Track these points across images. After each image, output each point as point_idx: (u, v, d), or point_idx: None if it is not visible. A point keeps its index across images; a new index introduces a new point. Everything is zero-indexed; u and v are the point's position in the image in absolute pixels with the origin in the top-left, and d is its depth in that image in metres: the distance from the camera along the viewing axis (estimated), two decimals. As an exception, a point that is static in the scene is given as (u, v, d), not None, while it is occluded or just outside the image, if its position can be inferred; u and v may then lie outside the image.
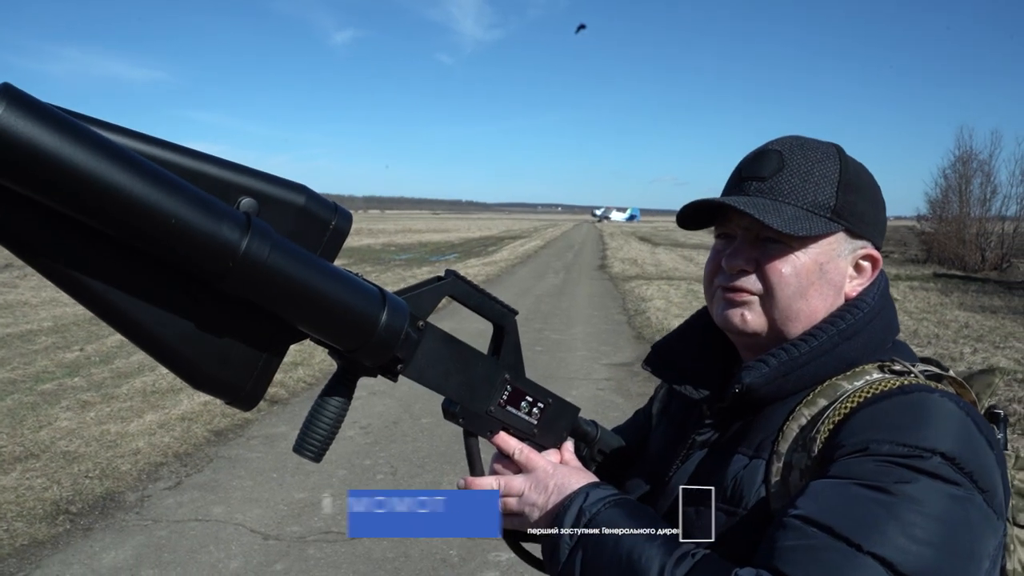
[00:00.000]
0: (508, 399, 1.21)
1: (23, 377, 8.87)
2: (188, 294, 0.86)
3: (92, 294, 0.80)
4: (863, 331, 1.20)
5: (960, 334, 12.43)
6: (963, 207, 29.34)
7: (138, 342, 0.86)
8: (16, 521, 5.05)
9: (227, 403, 0.95)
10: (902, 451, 1.00)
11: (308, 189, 0.95)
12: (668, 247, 43.21)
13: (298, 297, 0.87)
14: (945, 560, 0.93)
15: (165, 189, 0.74)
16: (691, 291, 18.41)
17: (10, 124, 0.65)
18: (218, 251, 0.78)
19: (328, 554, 4.63)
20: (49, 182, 0.68)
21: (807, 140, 1.27)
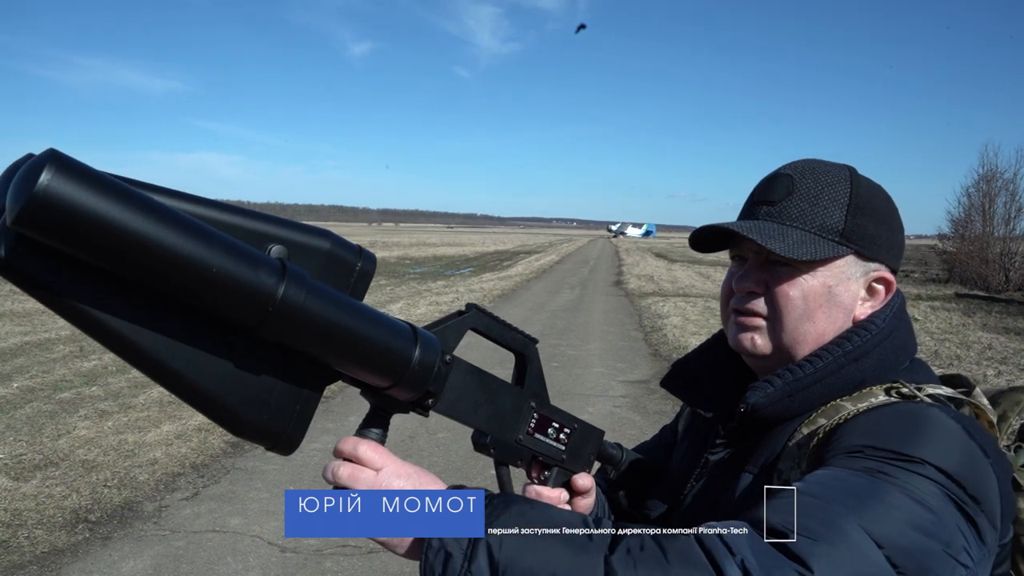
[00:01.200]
0: (535, 427, 1.22)
1: (41, 385, 8.93)
2: (224, 342, 0.87)
3: (130, 345, 0.82)
4: (871, 353, 1.21)
5: (983, 356, 12.29)
6: (986, 226, 29.08)
7: (176, 391, 0.87)
8: (36, 528, 5.07)
9: (268, 449, 0.96)
10: (895, 457, 1.01)
11: (332, 234, 0.98)
12: (685, 264, 43.09)
13: (334, 338, 0.89)
14: (920, 542, 0.92)
15: (205, 241, 0.76)
16: (708, 308, 18.32)
17: (58, 190, 0.67)
18: (256, 298, 0.80)
19: (345, 567, 4.62)
20: (97, 243, 0.71)
21: (819, 163, 1.29)
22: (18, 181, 0.68)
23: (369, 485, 0.96)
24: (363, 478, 0.97)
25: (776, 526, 0.91)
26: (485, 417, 1.14)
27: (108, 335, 0.81)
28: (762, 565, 0.86)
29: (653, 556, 0.87)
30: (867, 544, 0.89)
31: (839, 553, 0.88)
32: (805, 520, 0.91)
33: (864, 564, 0.88)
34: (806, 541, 0.88)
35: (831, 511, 0.92)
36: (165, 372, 0.85)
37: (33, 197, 0.66)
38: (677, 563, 0.87)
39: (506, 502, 0.95)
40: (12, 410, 7.84)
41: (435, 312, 16.03)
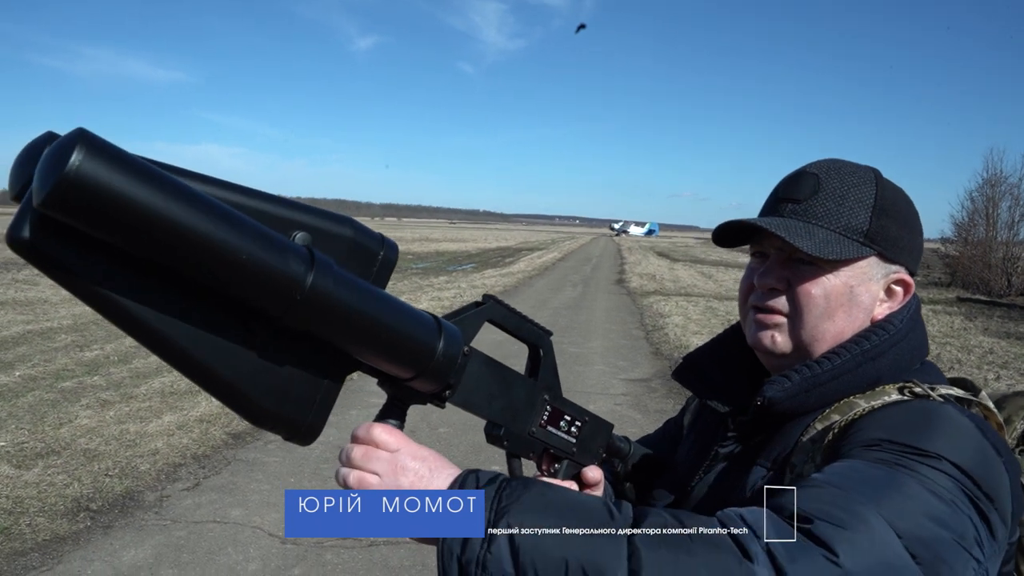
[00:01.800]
0: (548, 419, 1.22)
1: (44, 374, 8.95)
2: (246, 330, 0.86)
3: (151, 331, 0.80)
4: (888, 352, 1.22)
5: (984, 360, 12.29)
6: (990, 230, 29.01)
7: (195, 379, 0.86)
8: (38, 516, 5.09)
9: (286, 438, 0.95)
10: (912, 451, 1.02)
11: (355, 221, 0.97)
12: (687, 263, 43.09)
13: (360, 328, 0.88)
14: (936, 533, 0.93)
15: (235, 227, 0.75)
16: (710, 308, 18.34)
17: (89, 171, 0.64)
18: (284, 286, 0.79)
19: (345, 560, 4.63)
20: (127, 227, 0.69)
21: (845, 164, 1.29)
22: (47, 161, 0.65)
23: (385, 467, 0.96)
24: (378, 458, 0.96)
25: (800, 512, 0.92)
26: (499, 409, 1.13)
27: (129, 320, 0.79)
28: (787, 548, 0.86)
29: (676, 536, 0.87)
30: (887, 533, 0.90)
31: (862, 539, 0.88)
32: (827, 507, 0.91)
33: (885, 552, 0.89)
34: (829, 527, 0.89)
35: (852, 500, 0.93)
36: (185, 359, 0.83)
37: (64, 178, 0.63)
38: (701, 543, 0.86)
39: (525, 484, 0.94)
40: (14, 398, 7.86)
41: (437, 307, 16.03)
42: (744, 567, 0.84)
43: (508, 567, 0.86)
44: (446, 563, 0.89)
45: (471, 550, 0.88)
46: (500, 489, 0.92)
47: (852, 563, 0.86)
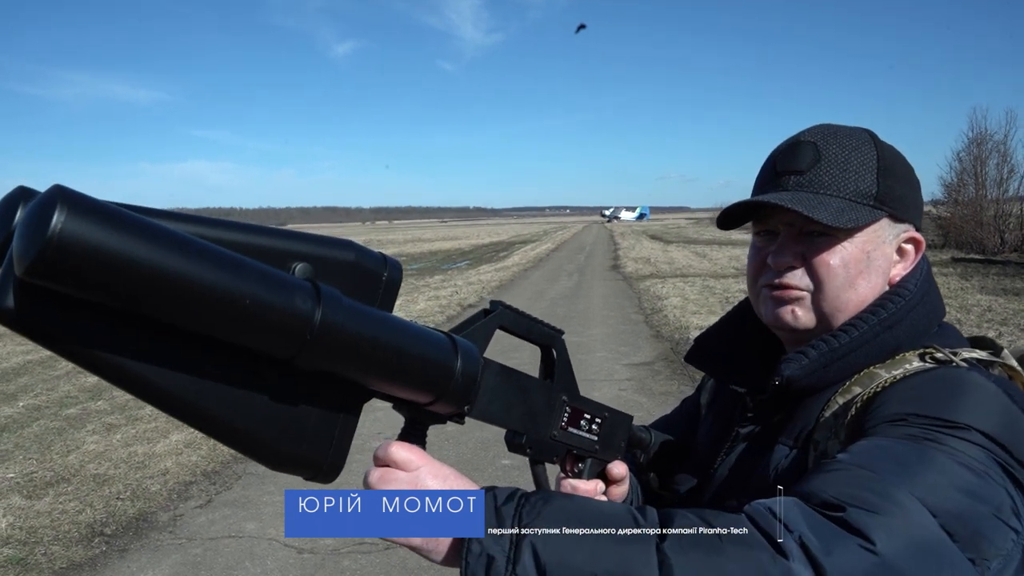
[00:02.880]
0: (568, 420, 1.19)
1: (47, 403, 8.94)
2: (256, 375, 0.81)
3: (156, 390, 0.75)
4: (905, 319, 1.20)
5: (983, 318, 12.33)
6: (979, 189, 29.06)
7: (208, 431, 0.81)
8: (53, 545, 5.08)
9: (308, 479, 0.90)
10: (939, 424, 1.00)
11: (356, 244, 0.92)
12: (680, 244, 43.10)
13: (375, 359, 0.84)
14: (971, 507, 0.91)
15: (233, 271, 0.70)
16: (707, 287, 18.36)
17: (74, 232, 0.59)
18: (293, 327, 0.75)
19: (363, 565, 4.64)
20: (120, 286, 0.64)
21: (838, 128, 1.26)
22: (26, 225, 0.60)
23: (404, 487, 0.91)
24: (396, 479, 0.92)
25: (830, 499, 0.89)
26: (519, 417, 1.09)
27: (131, 380, 0.74)
28: (822, 540, 0.84)
29: (706, 538, 0.84)
30: (922, 513, 0.88)
31: (897, 523, 0.86)
32: (858, 492, 0.89)
33: (921, 533, 0.87)
34: (863, 513, 0.86)
35: (883, 481, 0.91)
36: (195, 413, 0.79)
37: (47, 243, 0.58)
38: (732, 544, 0.84)
39: (545, 499, 0.89)
40: (19, 429, 7.85)
41: (435, 307, 16.03)
42: (779, 564, 0.82)
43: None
44: None
45: (496, 572, 0.84)
46: (520, 506, 0.88)
47: (889, 549, 0.83)
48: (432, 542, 0.91)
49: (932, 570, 0.85)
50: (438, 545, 0.91)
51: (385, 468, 0.93)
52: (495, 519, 0.87)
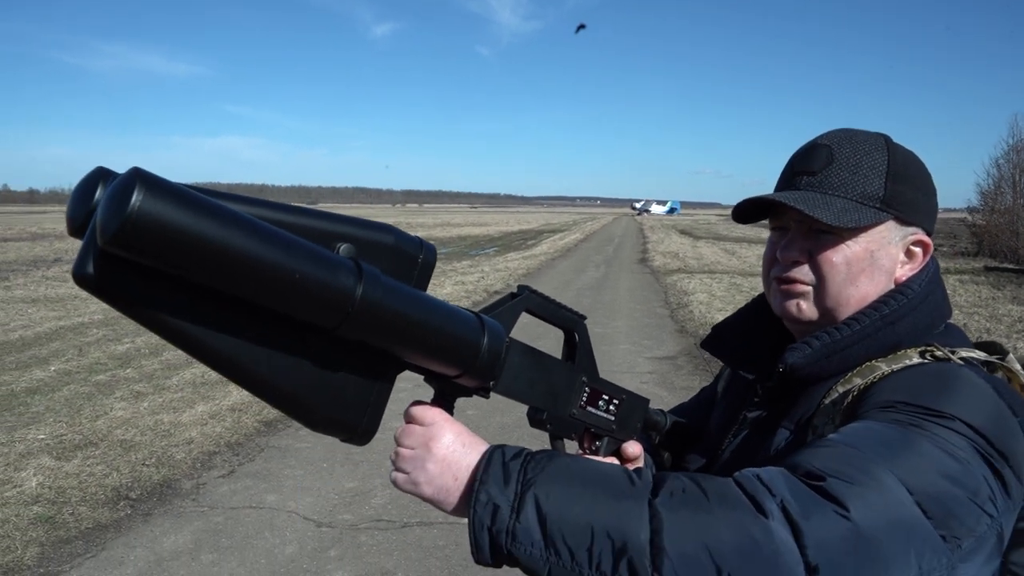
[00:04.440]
0: (587, 400, 1.26)
1: (78, 368, 9.13)
2: (301, 342, 0.90)
3: (213, 352, 0.85)
4: (908, 316, 1.25)
5: (1013, 329, 12.17)
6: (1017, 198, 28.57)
7: (256, 392, 0.91)
8: (80, 506, 5.22)
9: (344, 440, 1.00)
10: (926, 412, 1.05)
11: (395, 228, 1.01)
12: (710, 240, 42.84)
13: (410, 333, 0.92)
14: (948, 490, 0.96)
15: (287, 248, 0.79)
16: (734, 285, 18.26)
17: (151, 210, 0.68)
18: (337, 300, 0.83)
19: (380, 541, 4.72)
20: (189, 259, 0.72)
21: (855, 132, 1.32)
22: (109, 202, 0.69)
23: (416, 440, 1.03)
24: (411, 433, 1.04)
25: (813, 470, 0.95)
26: (541, 395, 1.17)
27: (191, 343, 0.83)
28: (800, 504, 0.90)
29: (694, 497, 0.91)
30: (899, 490, 0.93)
31: (874, 496, 0.92)
32: (841, 466, 0.95)
33: (897, 508, 0.92)
34: (842, 484, 0.92)
35: (865, 458, 0.96)
36: (246, 375, 0.88)
37: (128, 218, 0.67)
38: (718, 503, 0.90)
39: (549, 456, 0.98)
40: (51, 392, 8.04)
41: (460, 292, 16.11)
42: (760, 523, 0.88)
43: (536, 535, 0.91)
44: (477, 534, 0.94)
45: (501, 520, 0.92)
46: (526, 462, 0.96)
47: (862, 517, 0.89)
48: (443, 492, 1.01)
49: (903, 542, 0.91)
50: (448, 496, 1.01)
51: (405, 425, 1.05)
52: (502, 473, 0.96)
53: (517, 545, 0.91)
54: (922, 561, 0.92)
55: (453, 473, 1.01)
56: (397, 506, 5.22)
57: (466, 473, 1.00)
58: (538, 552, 0.91)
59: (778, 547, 0.87)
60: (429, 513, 5.09)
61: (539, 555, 0.91)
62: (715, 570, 0.86)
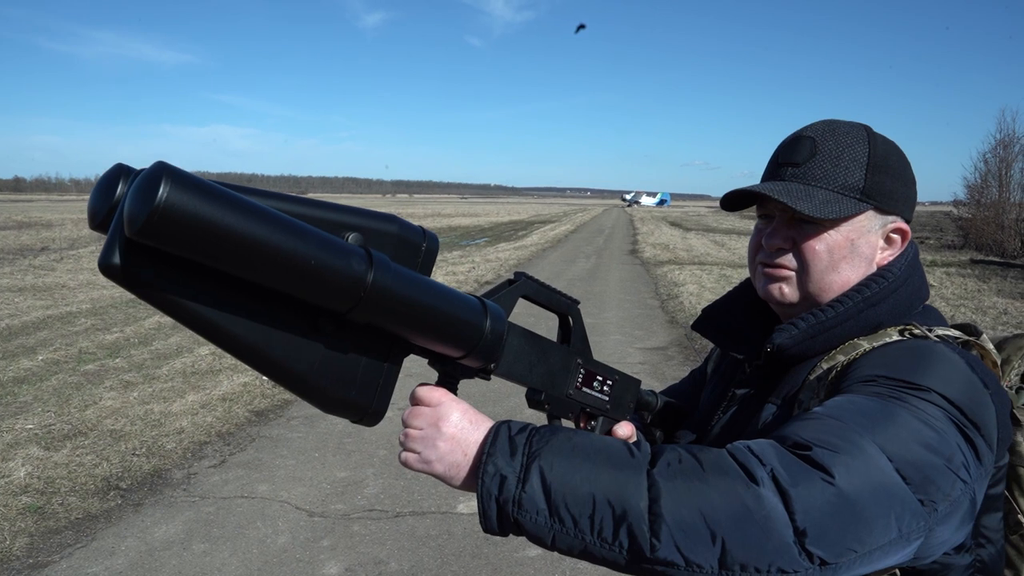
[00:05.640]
0: (583, 381, 1.31)
1: (66, 358, 9.07)
2: (314, 327, 0.95)
3: (230, 336, 0.88)
4: (888, 298, 1.32)
5: (999, 321, 12.26)
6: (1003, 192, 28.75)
7: (270, 374, 0.95)
8: (70, 496, 5.20)
9: (354, 421, 1.05)
10: (904, 385, 1.12)
11: (398, 218, 1.05)
12: (700, 232, 42.94)
13: (418, 316, 0.97)
14: (926, 457, 1.02)
15: (303, 237, 0.83)
16: (724, 276, 18.32)
17: (177, 202, 0.72)
18: (350, 284, 0.87)
19: (373, 531, 4.72)
20: (212, 248, 0.76)
21: (838, 124, 1.37)
22: (136, 194, 0.73)
23: (425, 420, 1.08)
24: (419, 414, 1.08)
25: (800, 440, 1.01)
26: (539, 376, 1.22)
27: (210, 328, 0.87)
28: (789, 472, 0.95)
29: (690, 467, 0.96)
30: (880, 457, 0.99)
31: (856, 463, 0.97)
32: (826, 436, 1.00)
33: (877, 474, 0.98)
34: (827, 452, 0.98)
35: (848, 429, 1.02)
36: (263, 359, 0.92)
37: (155, 209, 0.70)
38: (713, 472, 0.96)
39: (552, 430, 1.03)
40: (39, 382, 7.98)
41: (451, 282, 16.08)
42: (751, 490, 0.93)
43: (541, 503, 0.96)
44: (485, 503, 0.99)
45: (508, 490, 0.98)
46: (531, 436, 1.02)
47: (846, 483, 0.95)
48: (454, 469, 1.06)
49: (884, 506, 0.97)
50: (459, 471, 1.06)
51: (412, 407, 1.10)
52: (508, 446, 1.01)
53: (523, 513, 0.97)
54: (902, 524, 0.97)
55: (463, 449, 1.06)
56: (389, 495, 5.22)
57: (475, 448, 1.05)
58: (543, 520, 0.96)
59: (769, 513, 0.92)
60: (422, 503, 5.09)
61: (544, 522, 0.96)
62: (710, 535, 0.92)
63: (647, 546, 0.92)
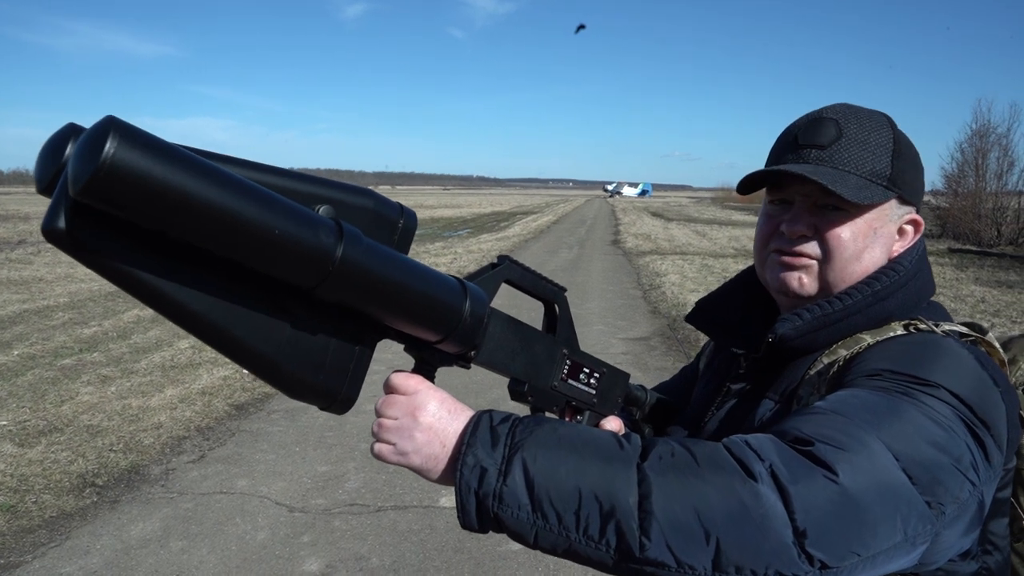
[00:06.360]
0: (568, 373, 1.25)
1: (42, 352, 8.93)
2: (279, 304, 0.88)
3: (188, 312, 0.82)
4: (898, 292, 1.26)
5: (977, 309, 12.36)
6: (979, 181, 29.00)
7: (232, 355, 0.87)
8: (44, 494, 5.10)
9: (323, 408, 0.97)
10: (912, 380, 1.06)
11: (374, 192, 0.99)
12: (681, 222, 43.06)
13: (391, 295, 0.90)
14: (934, 456, 0.97)
15: (266, 205, 0.76)
16: (705, 266, 18.36)
17: (125, 158, 0.65)
18: (318, 258, 0.81)
19: (354, 526, 4.66)
20: (164, 211, 0.70)
21: (859, 109, 1.32)
22: (82, 150, 0.66)
23: (400, 410, 1.00)
24: (394, 403, 1.01)
25: (801, 436, 0.95)
26: (522, 366, 1.15)
27: (164, 302, 0.80)
28: (789, 468, 0.90)
29: (684, 461, 0.91)
30: (886, 455, 0.94)
31: (861, 460, 0.92)
32: (829, 431, 0.95)
33: (883, 473, 0.92)
34: (830, 448, 0.92)
35: (853, 424, 0.96)
36: (222, 337, 0.85)
37: (101, 166, 0.64)
38: (708, 467, 0.90)
39: (537, 421, 0.97)
40: (14, 377, 7.85)
41: (433, 274, 15.99)
42: (748, 486, 0.88)
43: (524, 498, 0.90)
44: (464, 497, 0.92)
45: (488, 483, 0.91)
46: (514, 426, 0.96)
47: (850, 481, 0.90)
48: (431, 461, 0.99)
49: (890, 507, 0.91)
50: (437, 464, 0.99)
51: (386, 396, 1.02)
52: (489, 436, 0.95)
53: (504, 508, 0.91)
54: (908, 527, 0.92)
55: (441, 440, 0.98)
56: (371, 490, 5.16)
57: (453, 439, 0.98)
58: (525, 515, 0.90)
59: (767, 511, 0.87)
60: (403, 497, 5.04)
61: (526, 518, 0.90)
62: (703, 534, 0.86)
63: (636, 545, 0.87)
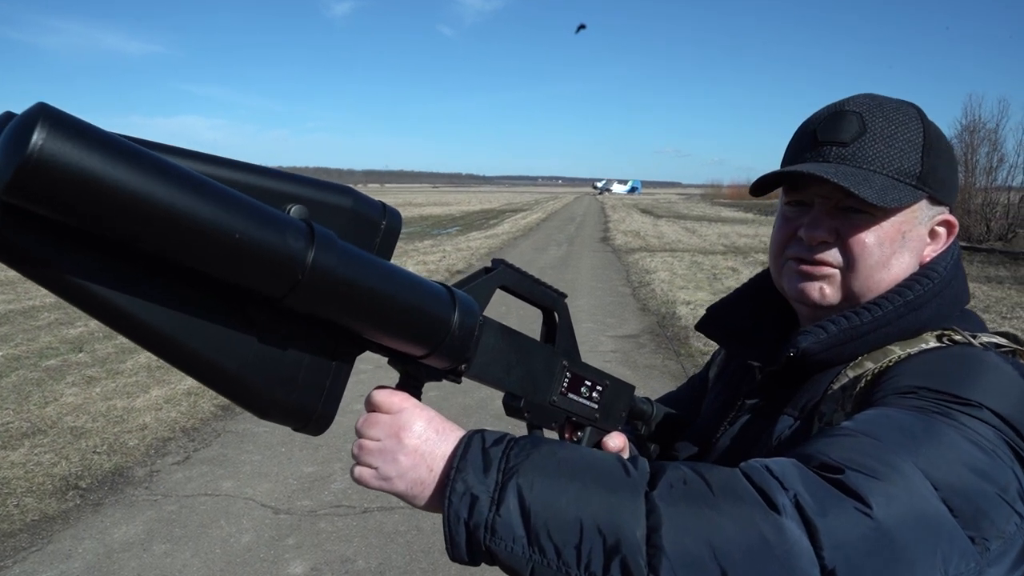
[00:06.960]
0: (568, 386, 1.15)
1: (27, 353, 8.84)
2: (245, 315, 0.78)
3: (140, 325, 0.72)
4: (932, 301, 1.16)
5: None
6: (968, 177, 29.11)
7: (194, 373, 0.78)
8: (26, 496, 5.04)
9: (296, 430, 0.88)
10: (950, 399, 0.96)
11: (354, 190, 0.89)
12: (671, 219, 43.08)
13: (369, 306, 0.81)
14: (977, 484, 0.87)
15: (224, 203, 0.67)
16: (695, 263, 18.36)
17: (55, 151, 0.57)
18: (284, 265, 0.71)
19: (340, 528, 4.62)
20: (102, 212, 0.61)
21: (885, 100, 1.21)
22: (6, 142, 0.58)
23: (383, 431, 0.91)
24: (376, 423, 0.92)
25: (829, 462, 0.85)
26: (518, 380, 1.05)
27: (114, 314, 0.71)
28: (816, 499, 0.80)
29: (697, 490, 0.81)
30: (924, 484, 0.84)
31: (897, 491, 0.82)
32: (859, 457, 0.85)
33: (922, 504, 0.83)
34: (861, 476, 0.82)
35: (886, 449, 0.87)
36: (181, 353, 0.76)
37: (26, 161, 0.56)
38: (724, 496, 0.80)
39: (533, 442, 0.87)
40: (-3, 378, 7.78)
41: (422, 272, 15.96)
42: (771, 519, 0.79)
43: (519, 530, 0.81)
44: (452, 528, 0.84)
45: (479, 513, 0.82)
46: (508, 448, 0.87)
47: (886, 515, 0.80)
48: (417, 486, 0.90)
49: (929, 543, 0.81)
50: (423, 490, 0.90)
51: (368, 414, 0.93)
52: (481, 460, 0.85)
53: (497, 541, 0.81)
54: (949, 566, 0.82)
55: (428, 464, 0.90)
56: (357, 491, 5.11)
57: (441, 463, 0.90)
58: (520, 549, 0.81)
59: (791, 547, 0.77)
60: (390, 498, 4.99)
61: (521, 552, 0.81)
62: (719, 572, 0.77)
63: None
